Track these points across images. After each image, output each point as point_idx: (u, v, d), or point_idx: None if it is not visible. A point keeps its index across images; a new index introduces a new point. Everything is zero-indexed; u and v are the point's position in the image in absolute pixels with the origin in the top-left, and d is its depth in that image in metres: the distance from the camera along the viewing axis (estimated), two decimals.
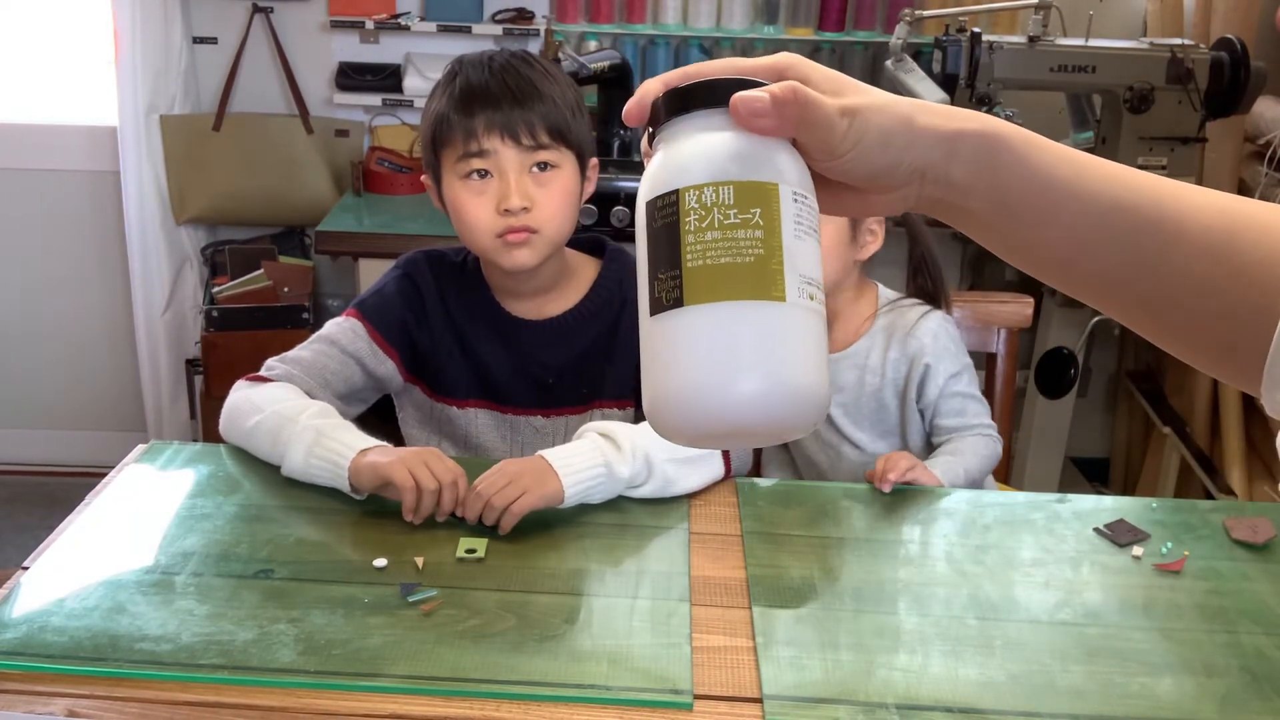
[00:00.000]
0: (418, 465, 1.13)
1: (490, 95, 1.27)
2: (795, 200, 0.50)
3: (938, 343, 1.55)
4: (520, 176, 1.28)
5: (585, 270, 1.43)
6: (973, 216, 0.55)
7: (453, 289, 1.41)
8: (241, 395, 1.31)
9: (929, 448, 1.58)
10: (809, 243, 0.50)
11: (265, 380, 1.32)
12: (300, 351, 1.35)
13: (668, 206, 0.50)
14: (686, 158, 0.50)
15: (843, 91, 0.52)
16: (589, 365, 1.41)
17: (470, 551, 1.11)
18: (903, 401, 1.58)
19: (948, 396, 1.55)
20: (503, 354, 1.40)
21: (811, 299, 0.49)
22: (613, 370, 1.40)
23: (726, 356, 0.47)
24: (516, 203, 1.27)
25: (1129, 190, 0.53)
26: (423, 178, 1.39)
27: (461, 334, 1.41)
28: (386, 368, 1.39)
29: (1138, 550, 1.18)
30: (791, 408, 0.48)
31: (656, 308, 0.49)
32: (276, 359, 1.35)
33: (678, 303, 0.48)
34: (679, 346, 0.48)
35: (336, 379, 1.35)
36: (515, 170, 1.28)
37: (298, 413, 1.23)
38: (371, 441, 1.20)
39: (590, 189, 1.38)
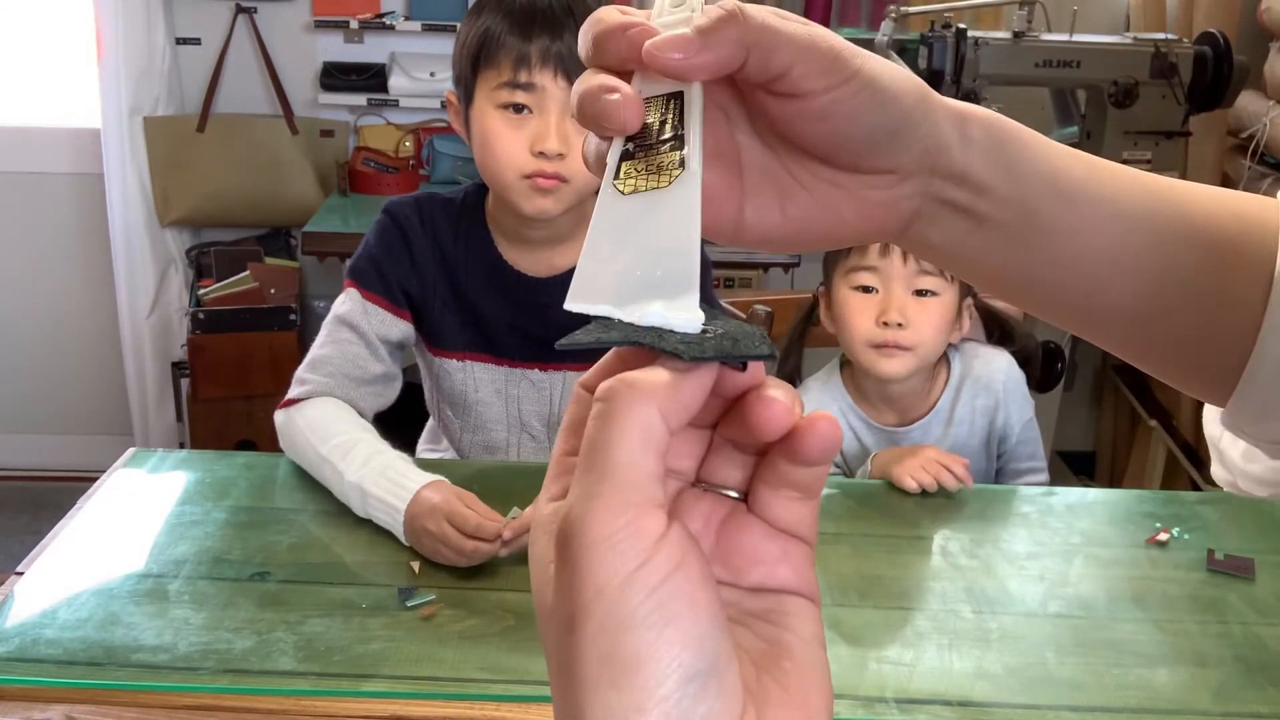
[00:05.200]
0: (437, 554, 1.08)
1: (553, 19, 1.17)
2: None
3: (1010, 386, 1.51)
4: (562, 118, 1.20)
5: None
6: (986, 230, 0.42)
7: (447, 232, 1.34)
8: (285, 421, 1.26)
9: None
10: None
11: (302, 401, 1.26)
12: (325, 349, 1.30)
13: None
14: None
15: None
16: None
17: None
18: (985, 451, 1.54)
19: (1024, 442, 1.53)
20: (501, 307, 1.35)
21: None
22: None
23: None
24: (554, 146, 1.19)
25: (1149, 194, 0.45)
26: (447, 93, 1.31)
27: (456, 282, 1.35)
28: (401, 327, 1.33)
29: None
30: None
31: None
32: (306, 368, 1.29)
33: None
34: None
35: (369, 362, 1.30)
36: (559, 110, 1.20)
37: (340, 461, 1.18)
38: (409, 492, 1.11)
39: None
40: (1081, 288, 0.44)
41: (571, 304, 0.34)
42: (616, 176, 0.36)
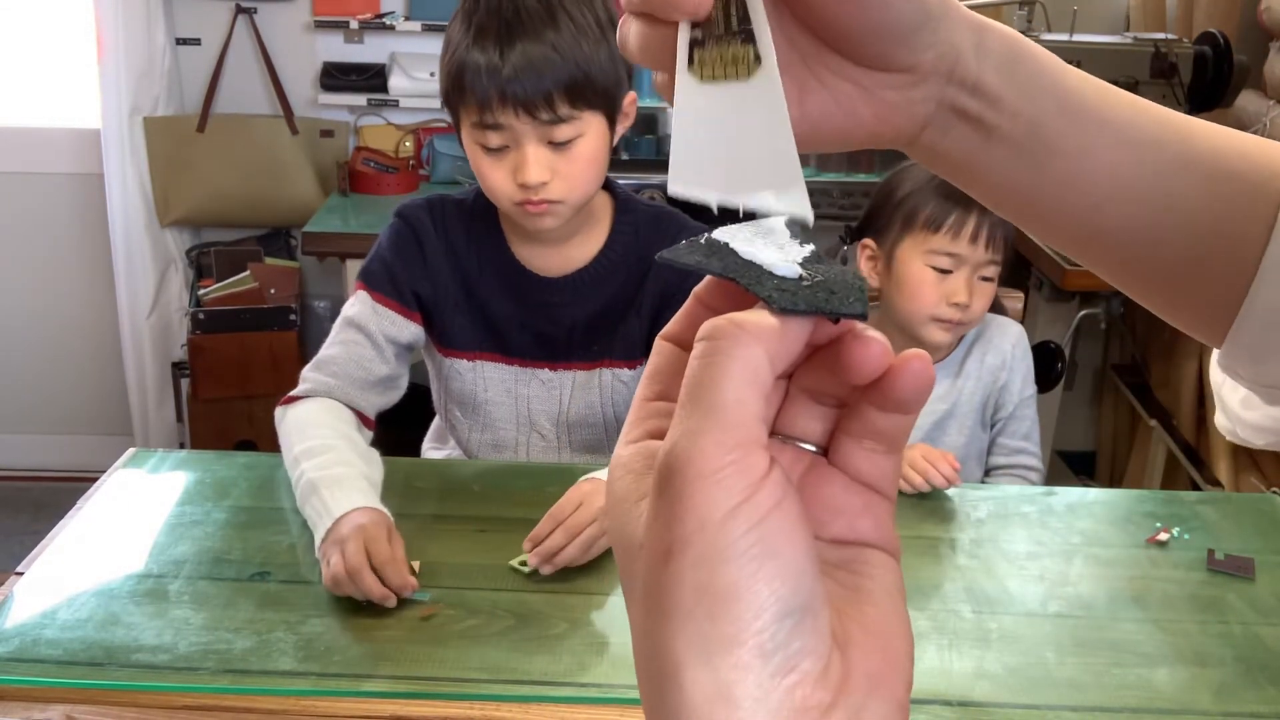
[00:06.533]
0: (346, 589, 1.02)
1: (506, 29, 1.17)
2: None
3: (1018, 353, 1.58)
4: (538, 148, 1.21)
5: (603, 212, 1.37)
6: (995, 143, 0.43)
7: (460, 234, 1.35)
8: (279, 417, 1.27)
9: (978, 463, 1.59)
10: None
11: (299, 399, 1.27)
12: (331, 349, 1.31)
13: None
14: None
15: None
16: (602, 323, 1.36)
17: (523, 564, 1.09)
18: (981, 416, 1.58)
19: (1019, 419, 1.57)
20: (513, 307, 1.36)
21: None
22: (625, 328, 1.36)
23: None
24: (534, 178, 1.20)
25: (1159, 124, 0.46)
26: (443, 106, 1.31)
27: (469, 282, 1.36)
28: (411, 329, 1.34)
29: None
30: None
31: None
32: (311, 367, 1.30)
33: None
34: None
35: (375, 364, 1.30)
36: (533, 141, 1.21)
37: (305, 460, 1.17)
38: (336, 513, 1.08)
39: (627, 124, 1.31)
40: (1083, 207, 0.45)
41: (675, 188, 0.35)
42: (690, 64, 0.36)
